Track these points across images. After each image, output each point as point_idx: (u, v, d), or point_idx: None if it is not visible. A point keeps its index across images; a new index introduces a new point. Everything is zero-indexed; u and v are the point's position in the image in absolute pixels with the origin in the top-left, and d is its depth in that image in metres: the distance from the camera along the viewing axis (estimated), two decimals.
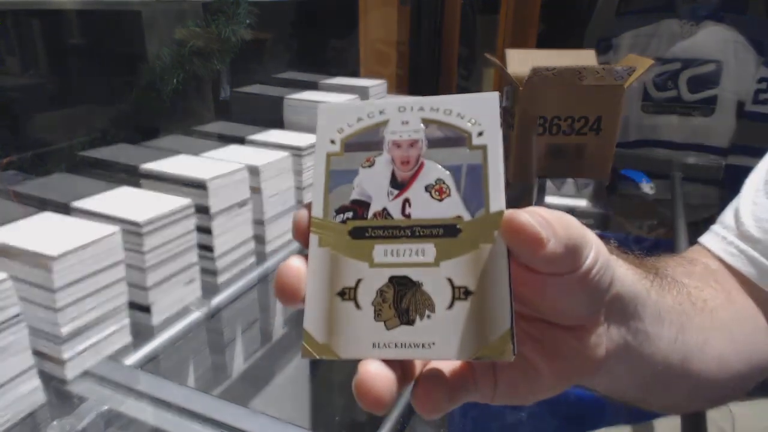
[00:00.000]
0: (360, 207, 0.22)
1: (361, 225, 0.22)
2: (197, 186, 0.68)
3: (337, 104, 0.24)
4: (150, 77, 0.88)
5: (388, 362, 0.20)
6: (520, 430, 0.73)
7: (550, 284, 0.22)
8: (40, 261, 0.50)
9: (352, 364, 0.21)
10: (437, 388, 0.21)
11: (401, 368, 0.21)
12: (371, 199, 0.22)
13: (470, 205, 0.22)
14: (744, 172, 0.44)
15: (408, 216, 0.22)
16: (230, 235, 0.72)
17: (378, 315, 0.21)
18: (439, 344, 0.20)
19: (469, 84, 2.00)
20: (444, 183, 0.22)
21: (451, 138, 0.23)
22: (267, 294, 0.77)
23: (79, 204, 0.62)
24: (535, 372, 0.24)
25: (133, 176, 0.72)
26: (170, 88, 0.88)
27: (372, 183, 0.23)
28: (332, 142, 0.24)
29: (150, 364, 0.59)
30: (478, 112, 0.23)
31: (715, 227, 0.43)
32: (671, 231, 0.99)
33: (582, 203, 1.04)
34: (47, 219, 0.58)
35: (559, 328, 0.24)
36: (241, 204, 0.73)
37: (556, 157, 1.10)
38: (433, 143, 0.23)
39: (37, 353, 0.53)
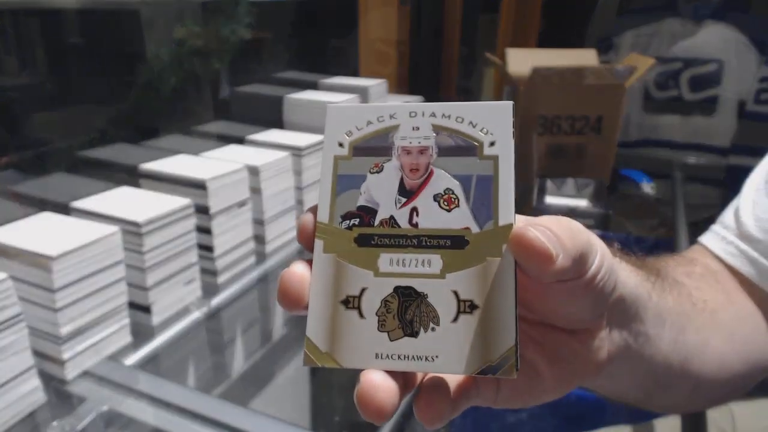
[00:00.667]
0: (366, 214, 0.22)
1: (367, 232, 0.22)
2: (197, 186, 0.68)
3: (347, 105, 0.24)
4: (149, 77, 0.88)
5: (391, 372, 0.20)
6: (521, 431, 0.73)
7: (553, 290, 0.21)
8: (39, 261, 0.50)
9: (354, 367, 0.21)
10: (440, 398, 0.21)
11: (403, 377, 0.21)
12: (378, 206, 0.22)
13: (479, 216, 0.21)
14: (745, 172, 0.44)
15: (415, 225, 0.22)
16: (230, 235, 0.72)
17: (382, 325, 0.21)
18: (443, 358, 0.20)
19: (469, 84, 2.00)
20: (453, 193, 0.22)
21: (462, 147, 0.22)
22: (267, 294, 0.77)
23: (78, 204, 0.62)
24: (537, 375, 0.24)
25: (132, 176, 0.72)
26: (169, 87, 0.88)
27: (380, 189, 0.22)
28: (340, 144, 0.23)
29: (150, 364, 0.59)
30: (491, 121, 0.22)
31: (715, 227, 0.43)
32: (672, 231, 0.99)
33: (582, 203, 1.04)
34: (47, 219, 0.58)
35: (562, 332, 0.24)
36: (241, 204, 0.73)
37: (557, 156, 1.10)
38: (444, 151, 0.22)
39: (37, 353, 0.53)
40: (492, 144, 0.22)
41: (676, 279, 0.33)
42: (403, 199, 0.22)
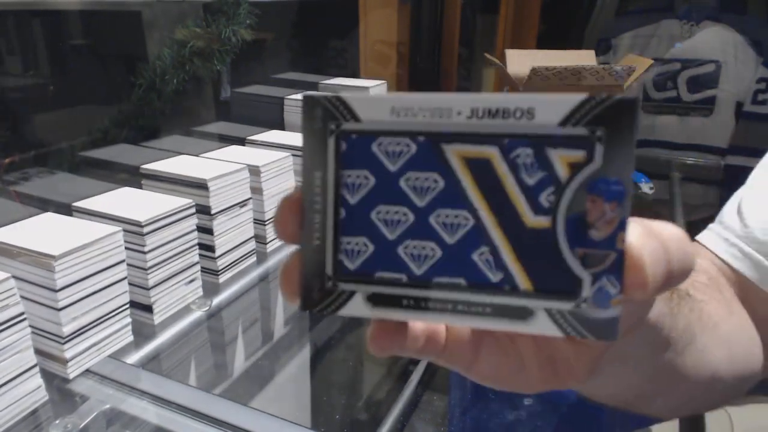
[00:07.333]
0: None
1: None
2: (198, 186, 0.68)
3: None
4: (151, 77, 0.88)
5: None
6: (520, 430, 0.74)
7: None
8: (42, 260, 0.51)
9: (355, 367, 0.20)
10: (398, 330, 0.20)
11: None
12: None
13: None
14: (743, 172, 0.44)
15: None
16: (231, 234, 0.73)
17: None
18: None
19: (468, 84, 2.00)
20: None
21: None
22: (268, 293, 0.77)
23: (80, 204, 0.62)
24: (522, 365, 0.23)
25: (134, 176, 0.72)
26: (171, 88, 0.89)
27: None
28: None
29: (151, 363, 0.59)
30: None
31: (715, 227, 0.42)
32: None
33: None
34: (49, 219, 0.58)
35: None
36: (242, 204, 0.74)
37: None
38: None
39: (40, 352, 0.53)
40: None
41: (687, 292, 0.32)
42: None
